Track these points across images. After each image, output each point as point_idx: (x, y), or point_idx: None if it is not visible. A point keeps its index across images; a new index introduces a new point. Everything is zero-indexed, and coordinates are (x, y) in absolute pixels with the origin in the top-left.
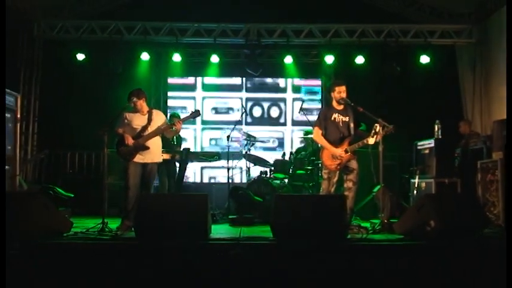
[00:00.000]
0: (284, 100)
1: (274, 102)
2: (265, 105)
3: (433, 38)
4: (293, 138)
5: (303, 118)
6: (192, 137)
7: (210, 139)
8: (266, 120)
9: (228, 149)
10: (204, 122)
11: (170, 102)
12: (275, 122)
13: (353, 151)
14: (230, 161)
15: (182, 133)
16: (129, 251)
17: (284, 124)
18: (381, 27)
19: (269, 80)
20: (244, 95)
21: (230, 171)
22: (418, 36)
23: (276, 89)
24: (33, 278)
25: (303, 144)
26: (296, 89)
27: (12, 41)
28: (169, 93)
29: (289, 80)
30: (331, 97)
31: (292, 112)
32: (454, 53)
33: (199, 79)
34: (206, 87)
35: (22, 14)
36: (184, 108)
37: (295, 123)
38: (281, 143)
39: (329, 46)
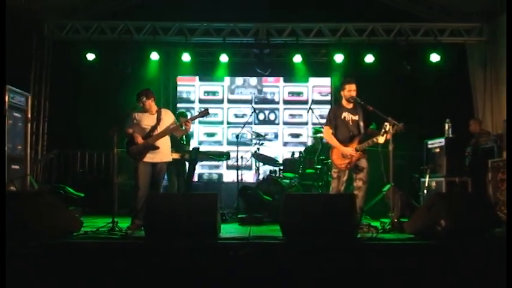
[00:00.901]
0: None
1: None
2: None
3: (443, 36)
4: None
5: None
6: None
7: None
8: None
9: (237, 148)
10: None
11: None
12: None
13: (363, 150)
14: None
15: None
16: (139, 250)
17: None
18: (391, 25)
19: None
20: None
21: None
22: (428, 34)
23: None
24: (43, 277)
25: (312, 143)
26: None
27: (23, 42)
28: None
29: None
30: (341, 95)
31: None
32: (465, 51)
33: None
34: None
35: (33, 15)
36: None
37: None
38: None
39: (338, 45)
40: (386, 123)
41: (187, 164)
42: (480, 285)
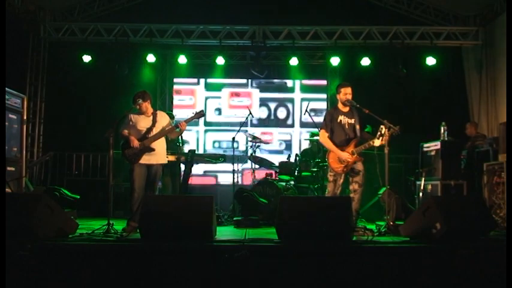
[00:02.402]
0: (292, 100)
1: (281, 102)
2: (272, 105)
3: (439, 39)
4: (301, 140)
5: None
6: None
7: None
8: (273, 121)
9: (233, 151)
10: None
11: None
12: (282, 123)
13: (359, 153)
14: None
15: None
16: (134, 253)
17: (292, 126)
18: (387, 29)
19: (276, 80)
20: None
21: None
22: (424, 38)
23: (283, 88)
24: (38, 279)
25: (309, 146)
26: (304, 89)
27: (20, 43)
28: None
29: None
30: (336, 99)
31: (301, 113)
32: (460, 54)
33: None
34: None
35: (29, 16)
36: None
37: (303, 124)
38: (288, 145)
39: (335, 48)
40: (382, 126)
41: (181, 165)
42: (475, 287)
